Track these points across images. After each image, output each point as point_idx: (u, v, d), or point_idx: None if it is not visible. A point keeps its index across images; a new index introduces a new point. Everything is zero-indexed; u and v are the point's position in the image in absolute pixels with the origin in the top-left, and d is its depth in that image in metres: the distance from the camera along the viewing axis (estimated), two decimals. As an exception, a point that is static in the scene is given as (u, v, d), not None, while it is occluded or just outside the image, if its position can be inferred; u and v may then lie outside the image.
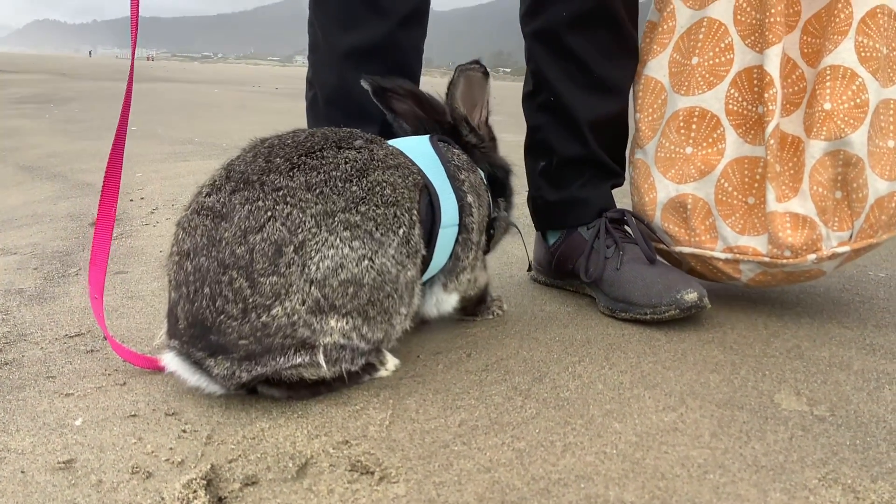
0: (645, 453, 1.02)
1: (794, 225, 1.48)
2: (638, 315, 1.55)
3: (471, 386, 1.24)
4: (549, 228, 1.86)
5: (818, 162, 1.47)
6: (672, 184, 1.64)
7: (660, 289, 1.54)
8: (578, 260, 1.72)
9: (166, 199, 2.99)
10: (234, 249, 1.08)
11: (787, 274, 1.54)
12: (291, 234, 1.09)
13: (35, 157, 4.43)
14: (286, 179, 1.14)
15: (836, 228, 1.47)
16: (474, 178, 1.44)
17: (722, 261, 1.58)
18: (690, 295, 1.50)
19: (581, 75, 1.73)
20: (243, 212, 1.10)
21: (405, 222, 1.21)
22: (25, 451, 1.02)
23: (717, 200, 1.58)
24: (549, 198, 1.82)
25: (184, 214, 1.18)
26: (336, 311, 1.10)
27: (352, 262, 1.11)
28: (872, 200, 1.43)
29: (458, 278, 1.43)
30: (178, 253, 1.14)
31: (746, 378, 1.28)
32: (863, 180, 1.43)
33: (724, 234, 1.57)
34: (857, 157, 1.43)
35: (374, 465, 0.98)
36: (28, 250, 2.16)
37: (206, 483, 0.93)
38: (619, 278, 1.62)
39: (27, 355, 1.36)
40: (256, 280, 1.07)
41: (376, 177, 1.21)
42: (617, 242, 1.68)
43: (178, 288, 1.12)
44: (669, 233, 1.67)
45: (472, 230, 1.41)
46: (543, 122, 1.81)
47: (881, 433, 1.09)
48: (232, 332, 1.08)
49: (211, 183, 1.19)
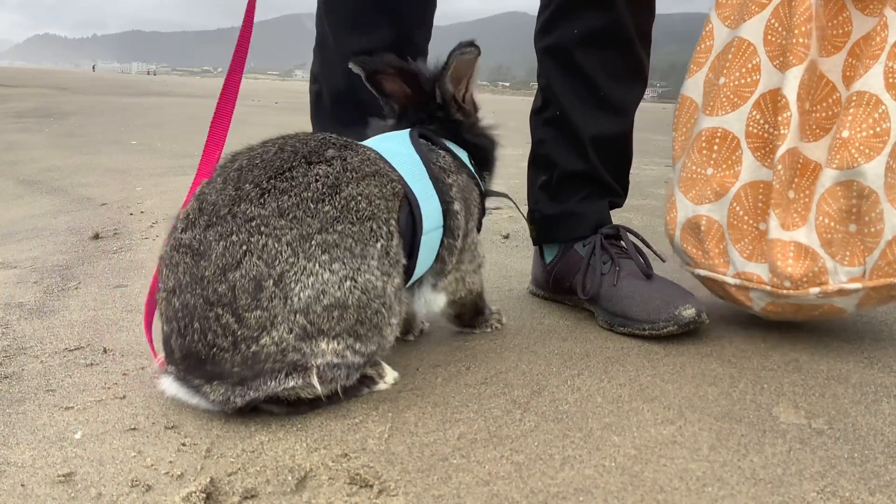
0: (644, 466, 1.03)
1: (797, 255, 1.42)
2: (636, 330, 1.57)
3: (470, 399, 1.24)
4: (545, 242, 1.87)
5: (827, 191, 1.39)
6: (691, 204, 1.60)
7: (657, 304, 1.55)
8: (575, 277, 1.73)
9: (166, 212, 2.99)
10: (215, 287, 1.07)
11: (796, 307, 1.48)
12: (269, 267, 1.08)
13: (35, 171, 4.44)
14: (257, 208, 1.11)
15: (847, 263, 1.38)
16: (462, 180, 1.42)
17: (734, 287, 1.53)
18: (689, 311, 1.51)
19: (588, 93, 1.75)
20: (219, 248, 1.09)
21: (383, 235, 1.19)
22: (25, 465, 1.02)
23: (728, 224, 1.53)
24: (546, 211, 1.83)
25: (164, 250, 1.17)
26: (325, 334, 1.10)
27: (333, 287, 1.11)
28: (889, 236, 1.33)
29: (445, 278, 1.43)
30: (164, 290, 1.14)
31: (745, 391, 1.28)
32: (876, 214, 1.34)
33: (733, 258, 1.53)
34: (869, 189, 1.34)
35: (373, 479, 0.98)
36: (28, 264, 2.16)
37: (205, 496, 0.93)
38: (617, 294, 1.63)
39: (27, 369, 1.36)
40: (242, 315, 1.07)
41: (350, 191, 1.18)
42: (613, 258, 1.70)
43: (168, 322, 1.13)
44: (688, 253, 1.63)
45: (458, 237, 1.39)
46: (548, 136, 1.83)
47: (879, 446, 1.09)
48: (225, 363, 1.08)
49: (185, 217, 1.16)
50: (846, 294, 1.39)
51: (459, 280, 1.47)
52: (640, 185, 4.27)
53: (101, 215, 2.97)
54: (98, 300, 1.80)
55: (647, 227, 2.87)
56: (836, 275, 1.39)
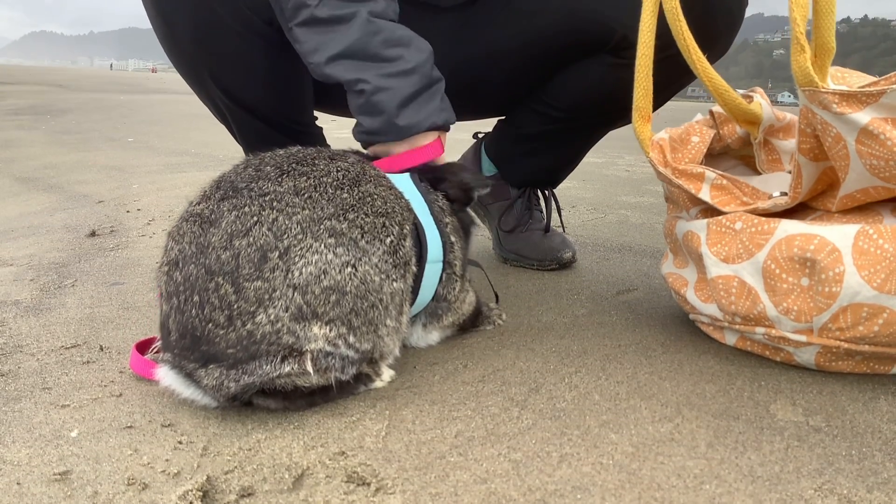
0: (641, 464, 1.03)
1: (740, 293, 1.34)
2: (525, 265, 2.12)
3: (467, 397, 1.24)
4: (498, 161, 2.15)
5: (786, 238, 1.28)
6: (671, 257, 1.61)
7: (545, 250, 2.08)
8: (499, 204, 2.17)
9: (162, 210, 2.99)
10: (219, 255, 1.09)
11: (763, 346, 1.40)
12: (277, 239, 1.09)
13: (31, 169, 4.43)
14: (274, 185, 1.16)
15: (793, 318, 1.27)
16: (454, 222, 1.45)
17: (710, 327, 1.50)
18: (567, 254, 2.08)
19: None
20: (230, 217, 1.11)
21: (394, 233, 1.21)
22: (21, 463, 1.02)
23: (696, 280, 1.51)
24: (507, 150, 2.13)
25: (174, 224, 1.20)
26: (319, 318, 1.10)
27: (335, 269, 1.11)
28: (846, 303, 1.19)
29: (439, 321, 1.45)
30: (167, 263, 1.15)
31: (742, 388, 1.28)
32: (835, 274, 1.19)
33: (693, 303, 1.49)
34: (833, 247, 1.21)
35: (371, 477, 0.98)
36: (24, 261, 2.16)
37: (201, 494, 0.93)
38: (522, 238, 2.13)
39: (23, 367, 1.35)
40: (241, 285, 1.07)
41: (368, 188, 1.22)
42: (531, 209, 2.15)
43: (169, 299, 1.13)
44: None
45: (456, 266, 1.42)
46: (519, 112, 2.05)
47: (877, 443, 1.09)
48: (220, 342, 1.08)
49: (202, 193, 1.21)
50: (795, 345, 1.30)
51: (457, 311, 1.48)
52: (636, 182, 4.27)
53: (97, 213, 2.97)
54: (94, 298, 1.80)
55: (645, 224, 2.87)
56: (780, 324, 1.30)
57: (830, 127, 1.22)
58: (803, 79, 1.19)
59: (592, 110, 1.91)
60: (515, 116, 2.04)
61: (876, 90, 1.14)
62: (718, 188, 1.44)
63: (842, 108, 1.17)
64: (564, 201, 3.29)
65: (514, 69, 1.87)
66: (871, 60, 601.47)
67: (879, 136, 1.15)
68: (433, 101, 1.44)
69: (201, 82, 1.75)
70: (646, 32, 1.41)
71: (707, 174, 1.45)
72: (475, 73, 1.82)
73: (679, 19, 1.33)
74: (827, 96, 1.18)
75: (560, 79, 1.88)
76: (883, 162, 1.18)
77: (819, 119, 1.23)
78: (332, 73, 1.40)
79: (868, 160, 1.19)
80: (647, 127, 1.50)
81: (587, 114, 1.93)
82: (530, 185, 2.18)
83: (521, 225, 2.14)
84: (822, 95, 1.18)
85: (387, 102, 1.38)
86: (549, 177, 2.18)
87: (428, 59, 1.45)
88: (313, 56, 1.41)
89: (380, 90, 1.38)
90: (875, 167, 1.20)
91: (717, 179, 1.44)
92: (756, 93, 1.54)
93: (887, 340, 1.20)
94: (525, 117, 2.01)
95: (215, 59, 1.68)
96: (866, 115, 1.16)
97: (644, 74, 1.44)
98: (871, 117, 1.15)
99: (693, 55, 1.34)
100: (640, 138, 1.50)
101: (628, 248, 2.41)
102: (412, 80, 1.40)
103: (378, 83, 1.38)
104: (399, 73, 1.40)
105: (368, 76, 1.38)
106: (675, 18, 1.33)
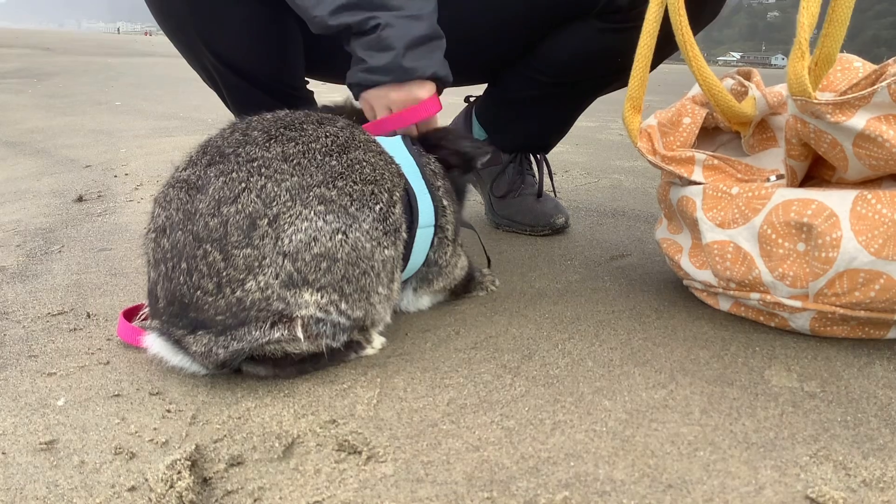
0: (635, 431, 1.02)
1: (735, 258, 1.33)
2: (518, 230, 2.11)
3: (459, 364, 1.23)
4: (488, 126, 2.13)
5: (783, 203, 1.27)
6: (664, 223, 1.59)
7: (538, 215, 2.08)
8: (490, 169, 2.15)
9: (150, 174, 2.94)
10: (207, 221, 1.06)
11: (758, 312, 1.38)
12: (266, 206, 1.07)
13: (18, 133, 4.36)
14: (262, 150, 1.13)
15: (788, 284, 1.26)
16: (447, 184, 1.44)
17: (703, 293, 1.49)
18: (560, 219, 2.07)
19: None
20: (218, 183, 1.09)
21: (383, 200, 1.19)
22: (7, 432, 1.00)
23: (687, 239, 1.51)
24: (498, 115, 2.10)
25: (160, 190, 1.17)
26: (310, 285, 1.08)
27: (325, 236, 1.09)
28: (843, 268, 1.18)
29: (430, 286, 1.45)
30: (154, 230, 1.13)
31: (737, 354, 1.27)
32: (832, 239, 1.18)
33: (686, 269, 1.48)
34: (831, 211, 1.19)
35: (362, 445, 0.97)
36: (10, 227, 2.13)
37: (190, 463, 0.91)
38: (515, 203, 2.13)
39: (9, 334, 1.33)
40: (230, 253, 1.05)
41: (357, 155, 1.20)
42: (523, 174, 2.14)
43: (156, 266, 1.10)
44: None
45: (448, 229, 1.41)
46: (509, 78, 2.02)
47: (872, 409, 1.08)
48: (209, 308, 1.06)
49: (188, 159, 1.18)
50: (790, 311, 1.29)
51: (448, 276, 1.47)
52: (630, 146, 4.23)
53: (84, 177, 2.92)
54: (82, 264, 1.77)
55: (639, 188, 2.84)
56: (775, 289, 1.29)
57: (825, 135, 1.20)
58: (797, 87, 1.16)
59: (581, 74, 1.88)
60: (504, 81, 2.02)
61: (867, 91, 1.12)
62: (711, 168, 1.43)
63: (836, 117, 1.15)
64: (557, 166, 3.26)
65: (501, 31, 1.83)
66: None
67: (877, 139, 1.13)
68: (438, 52, 1.43)
69: (192, 46, 1.71)
70: (651, 21, 1.38)
71: (697, 156, 1.43)
72: (462, 35, 1.79)
73: (680, 14, 1.31)
74: (820, 107, 1.16)
75: (548, 43, 1.85)
76: (882, 162, 1.17)
77: (812, 128, 1.22)
78: (338, 22, 1.37)
79: (867, 161, 1.19)
80: (636, 118, 1.48)
81: (575, 78, 1.90)
82: (521, 150, 2.16)
83: (514, 190, 2.13)
84: (815, 106, 1.16)
85: (396, 39, 1.36)
86: (540, 142, 2.16)
87: (434, 11, 1.43)
88: (316, 9, 1.38)
89: (390, 26, 1.37)
90: (876, 166, 1.19)
91: (709, 160, 1.43)
92: (751, 81, 1.51)
93: (883, 306, 1.19)
94: (514, 82, 1.98)
95: (208, 21, 1.64)
96: (861, 119, 1.14)
97: (642, 66, 1.41)
98: (867, 119, 1.13)
99: (689, 52, 1.32)
100: (629, 128, 1.48)
101: (622, 212, 2.40)
102: (421, 25, 1.39)
103: (389, 20, 1.37)
104: (408, 17, 1.39)
105: (379, 14, 1.37)
106: (676, 13, 1.31)
